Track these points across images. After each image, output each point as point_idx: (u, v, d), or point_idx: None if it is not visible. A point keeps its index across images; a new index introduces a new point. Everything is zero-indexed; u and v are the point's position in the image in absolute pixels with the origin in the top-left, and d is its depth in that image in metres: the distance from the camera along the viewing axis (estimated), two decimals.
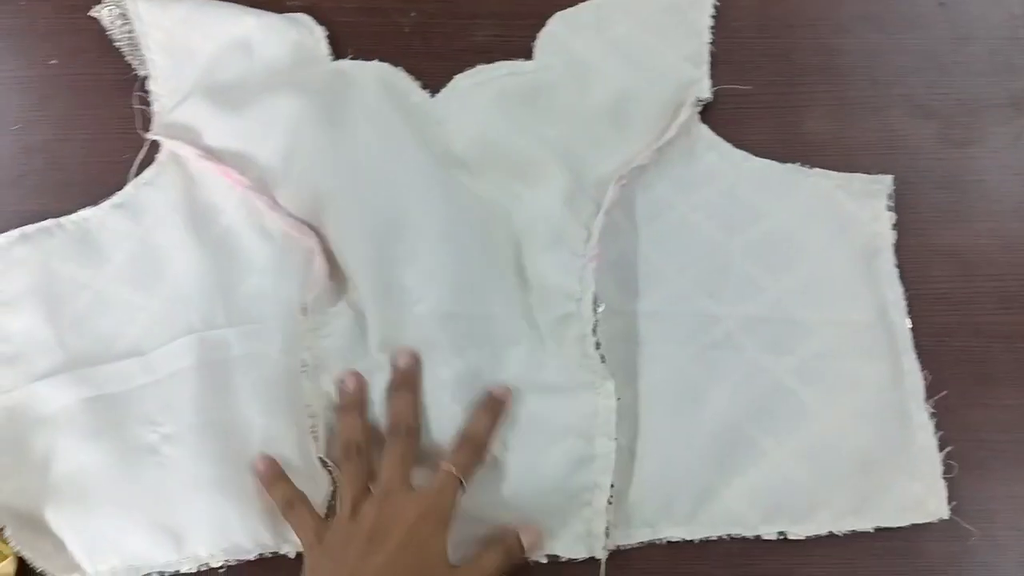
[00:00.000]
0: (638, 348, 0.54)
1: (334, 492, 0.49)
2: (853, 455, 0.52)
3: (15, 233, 0.55)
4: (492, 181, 0.56)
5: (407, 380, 0.51)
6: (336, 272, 0.54)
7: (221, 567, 0.50)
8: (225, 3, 0.59)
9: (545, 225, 0.54)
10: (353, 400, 0.51)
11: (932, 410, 0.53)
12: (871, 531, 0.50)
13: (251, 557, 0.50)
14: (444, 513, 0.47)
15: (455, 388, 0.51)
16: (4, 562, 0.49)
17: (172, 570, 0.50)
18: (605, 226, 0.54)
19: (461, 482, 0.48)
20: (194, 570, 0.50)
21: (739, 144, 0.58)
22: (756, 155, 0.58)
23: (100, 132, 0.59)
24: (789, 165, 0.58)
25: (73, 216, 0.55)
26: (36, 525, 0.50)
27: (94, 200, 0.56)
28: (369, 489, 0.48)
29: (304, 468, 0.51)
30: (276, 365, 0.52)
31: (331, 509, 0.49)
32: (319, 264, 0.53)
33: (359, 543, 0.45)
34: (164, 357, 0.52)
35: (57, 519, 0.50)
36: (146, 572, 0.50)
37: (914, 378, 0.53)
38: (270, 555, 0.50)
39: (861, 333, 0.54)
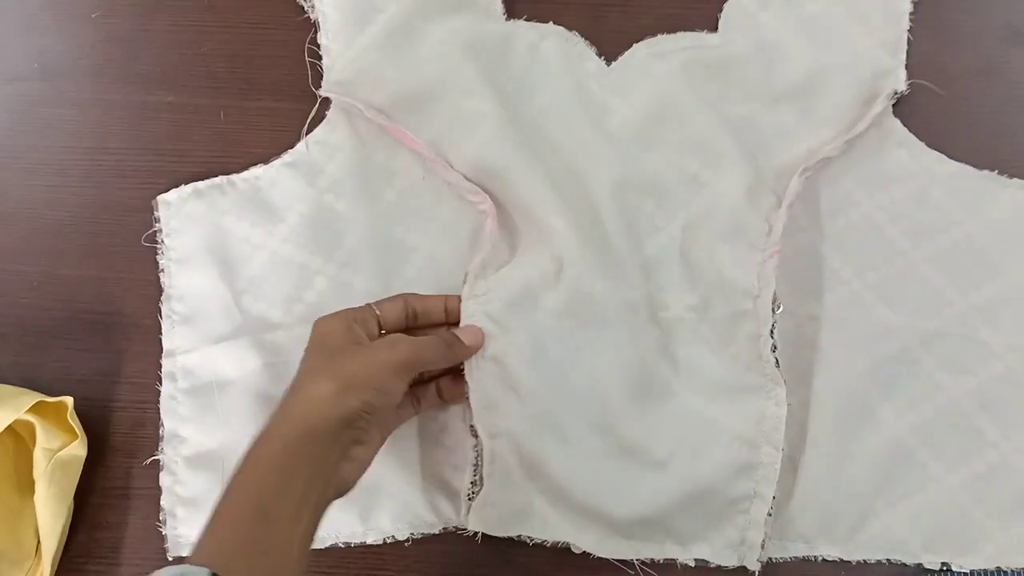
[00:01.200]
0: (808, 354, 0.52)
1: (477, 467, 0.49)
2: None
3: (187, 189, 0.54)
4: (666, 158, 0.54)
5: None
6: (504, 242, 0.52)
7: (407, 540, 0.50)
8: None
9: (724, 215, 0.52)
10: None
11: None
12: None
13: (435, 531, 0.50)
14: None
15: (624, 372, 0.50)
16: (76, 442, 0.49)
17: (358, 541, 0.50)
18: (786, 220, 0.51)
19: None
20: (379, 542, 0.50)
21: (931, 144, 0.55)
22: (950, 158, 0.54)
23: (180, 23, 0.57)
24: (986, 172, 0.54)
25: (245, 174, 0.54)
26: None
27: (176, 93, 0.56)
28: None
29: (453, 432, 0.51)
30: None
31: (477, 480, 0.49)
32: (491, 227, 0.52)
33: None
34: None
35: None
36: (332, 543, 0.50)
37: None
38: (454, 529, 0.50)
39: None
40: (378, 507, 0.49)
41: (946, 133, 0.55)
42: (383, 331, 0.47)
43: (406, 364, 0.44)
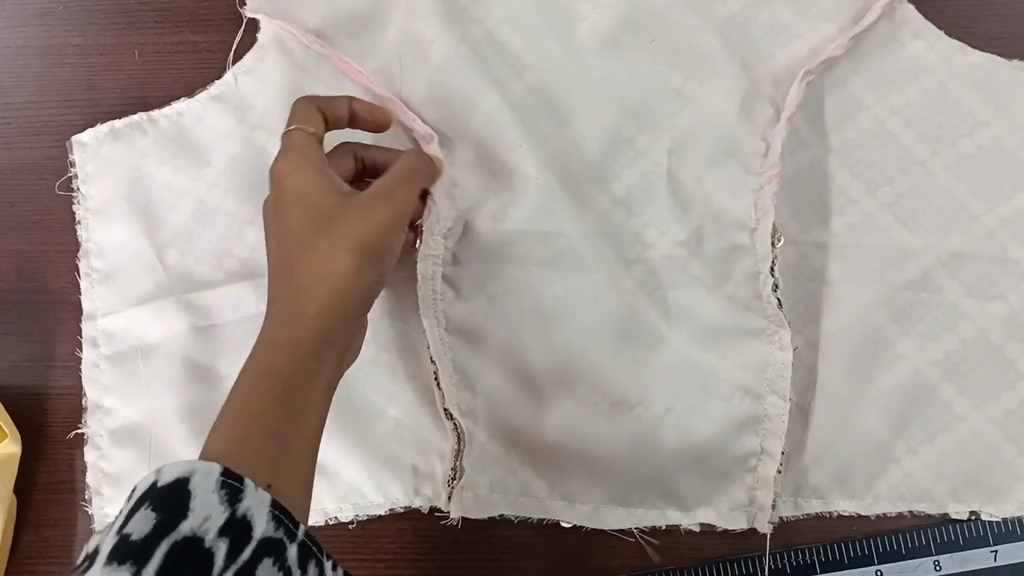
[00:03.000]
0: (815, 287, 0.46)
1: (459, 451, 0.44)
2: None
3: (104, 128, 0.48)
4: (644, 70, 0.47)
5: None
6: (462, 189, 0.46)
7: (351, 522, 0.46)
8: None
9: (713, 133, 0.45)
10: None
11: None
12: None
13: (382, 512, 0.45)
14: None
15: (610, 320, 0.44)
16: (6, 440, 0.45)
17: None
18: (786, 136, 0.45)
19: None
20: (322, 523, 0.46)
21: (954, 33, 0.47)
22: (975, 47, 0.47)
23: None
24: (1016, 62, 0.47)
25: (166, 110, 0.48)
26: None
27: (82, 32, 0.49)
28: None
29: (434, 425, 0.45)
30: (394, 298, 0.46)
31: (457, 471, 0.44)
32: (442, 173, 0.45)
33: None
34: None
35: (172, 458, 0.45)
36: None
37: None
38: (402, 509, 0.46)
39: None
40: (317, 487, 0.45)
41: (969, 18, 0.48)
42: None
43: (407, 215, 0.40)
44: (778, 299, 0.43)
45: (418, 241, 0.44)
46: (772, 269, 0.43)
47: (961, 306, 0.45)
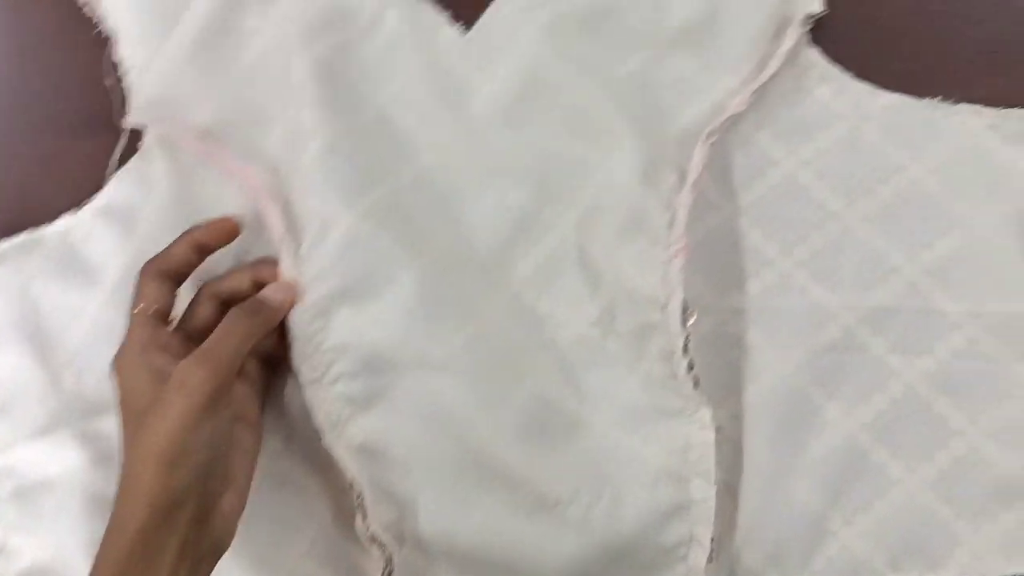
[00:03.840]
0: (735, 355, 0.44)
1: (386, 568, 0.42)
2: (999, 480, 0.42)
3: None
4: (545, 142, 0.45)
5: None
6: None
7: None
8: None
9: (619, 204, 0.43)
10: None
11: None
12: None
13: None
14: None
15: (519, 415, 0.43)
16: None
17: None
18: (693, 201, 0.43)
19: None
20: None
21: (865, 73, 0.46)
22: (886, 87, 0.45)
23: None
24: (927, 101, 0.45)
25: (51, 228, 0.46)
26: None
27: (5, 144, 0.48)
28: None
29: (352, 545, 0.43)
30: (299, 419, 0.44)
31: None
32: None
33: None
34: None
35: None
36: None
37: None
38: None
39: (1014, 326, 0.43)
40: None
41: (877, 57, 0.46)
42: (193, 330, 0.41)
43: (215, 391, 0.38)
44: (694, 379, 0.42)
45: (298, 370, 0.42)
46: (685, 348, 0.42)
47: (887, 363, 0.43)
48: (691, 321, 0.42)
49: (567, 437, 0.43)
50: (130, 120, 0.46)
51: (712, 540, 0.41)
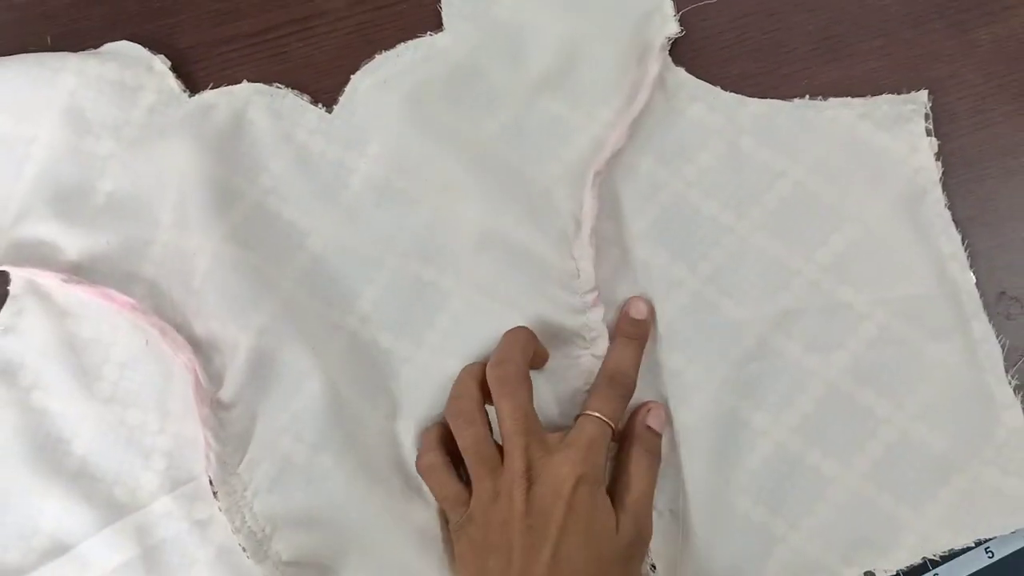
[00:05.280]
0: (661, 382, 0.44)
1: None
2: (932, 460, 0.43)
3: None
4: (430, 214, 0.45)
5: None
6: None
7: None
8: (33, 63, 0.44)
9: (522, 264, 0.43)
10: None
11: (1016, 382, 0.44)
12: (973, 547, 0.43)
13: None
14: (598, 471, 0.40)
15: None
16: None
17: None
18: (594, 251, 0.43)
19: (612, 428, 0.41)
20: None
21: (728, 86, 0.46)
22: (731, 90, 0.46)
23: None
24: (797, 101, 0.46)
25: None
26: None
27: None
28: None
29: None
30: (225, 539, 0.42)
31: None
32: (198, 406, 0.42)
33: (518, 534, 0.38)
34: (98, 550, 0.42)
35: None
36: None
37: (989, 347, 0.44)
38: None
39: (919, 307, 0.44)
40: None
41: (739, 62, 0.47)
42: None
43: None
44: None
45: (215, 493, 0.41)
46: None
47: (804, 365, 0.44)
48: None
49: None
50: None
51: (653, 568, 0.42)
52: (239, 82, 0.46)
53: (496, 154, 0.45)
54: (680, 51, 0.47)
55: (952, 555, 0.43)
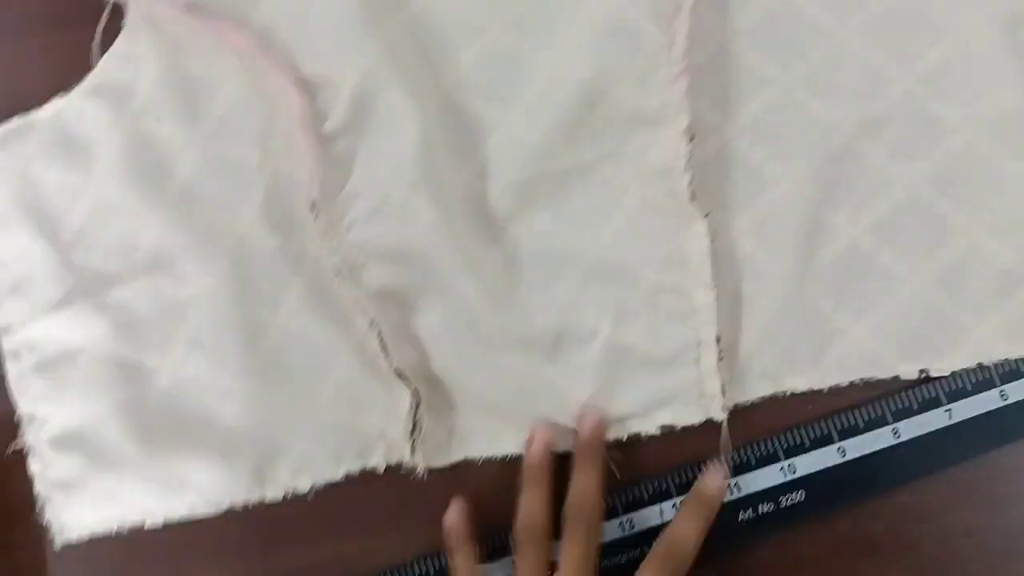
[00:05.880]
0: (742, 174, 0.45)
1: (417, 404, 0.43)
2: (999, 272, 0.44)
3: None
4: None
5: (592, 453, 0.43)
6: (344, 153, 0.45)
7: (309, 491, 0.45)
8: None
9: (613, 25, 0.44)
10: (536, 474, 0.43)
11: None
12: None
13: (338, 477, 0.45)
14: None
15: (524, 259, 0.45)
16: None
17: (256, 499, 0.45)
18: (690, 25, 0.43)
19: None
20: (280, 497, 0.45)
21: None
22: None
23: None
24: None
25: (43, 111, 0.46)
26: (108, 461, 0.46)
27: None
28: None
29: (376, 385, 0.45)
30: (317, 263, 0.45)
31: (416, 426, 0.44)
32: (306, 140, 0.43)
33: None
34: (195, 266, 0.45)
35: (120, 456, 0.45)
36: (228, 505, 0.46)
37: None
38: (358, 472, 0.45)
39: (1008, 125, 0.44)
40: (272, 463, 0.45)
41: None
42: None
43: None
44: (691, 192, 0.43)
45: (315, 216, 0.43)
46: (687, 163, 0.43)
47: (887, 170, 0.45)
48: (693, 141, 0.43)
49: (562, 270, 0.45)
50: None
51: (719, 341, 0.43)
52: None
53: None
54: None
55: (968, 393, 0.44)
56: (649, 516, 0.45)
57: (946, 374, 0.44)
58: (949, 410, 0.44)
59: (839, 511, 0.45)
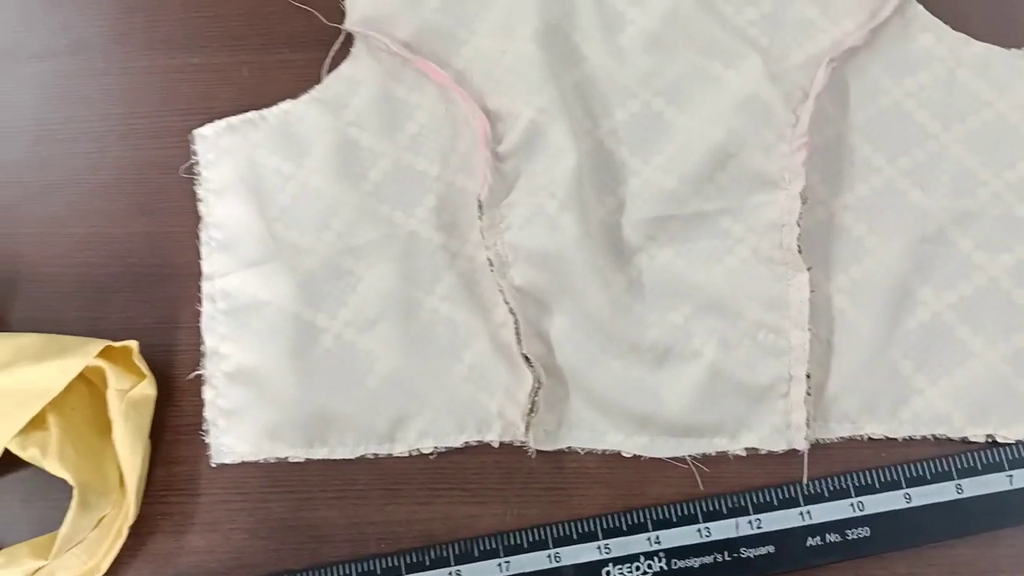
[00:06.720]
0: (844, 242, 0.52)
1: (538, 389, 0.50)
2: None
3: (222, 124, 0.56)
4: (686, 61, 0.54)
5: None
6: (512, 164, 0.53)
7: (431, 453, 0.52)
8: None
9: (750, 106, 0.52)
10: None
11: None
12: None
13: (459, 444, 0.52)
14: None
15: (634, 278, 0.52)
16: (144, 382, 0.52)
17: (386, 452, 0.52)
18: (813, 112, 0.52)
19: None
20: (406, 453, 0.52)
21: (956, 27, 0.54)
22: (976, 38, 0.54)
23: None
24: (1013, 51, 0.54)
25: (274, 109, 0.56)
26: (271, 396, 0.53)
27: (197, 54, 0.59)
28: None
29: (503, 369, 0.52)
30: (471, 261, 0.53)
31: (535, 405, 0.50)
32: (484, 154, 0.52)
33: None
34: (372, 249, 0.53)
35: (282, 396, 0.53)
36: (361, 453, 0.52)
37: None
38: (475, 443, 0.52)
39: None
40: (404, 423, 0.52)
41: (970, 14, 0.55)
42: None
43: None
44: (798, 246, 0.50)
45: (480, 215, 0.52)
46: (798, 222, 0.50)
47: (974, 258, 0.51)
48: (806, 203, 0.51)
49: (676, 298, 0.52)
50: (347, 25, 0.56)
51: (807, 377, 0.50)
52: None
53: (750, 33, 0.54)
54: None
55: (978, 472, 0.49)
56: (725, 528, 0.50)
57: (1011, 442, 0.49)
58: (1011, 476, 0.49)
59: (899, 552, 0.49)
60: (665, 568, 0.49)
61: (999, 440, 0.49)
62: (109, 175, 0.58)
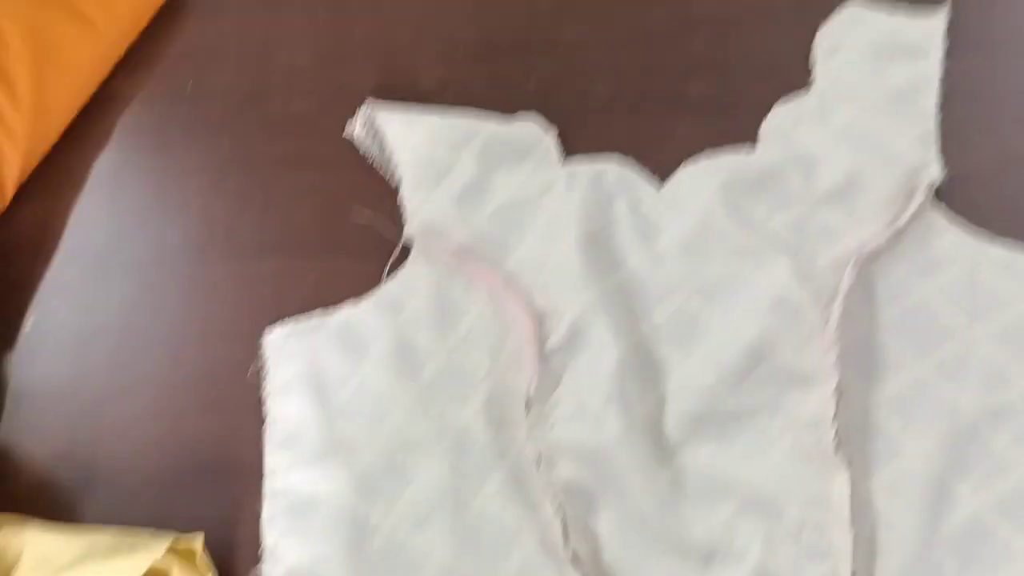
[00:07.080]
0: (880, 440, 0.54)
1: None
2: None
3: (287, 329, 0.61)
4: (719, 264, 0.58)
5: None
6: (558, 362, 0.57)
7: None
8: (460, 116, 0.63)
9: (780, 302, 0.56)
10: None
11: None
12: None
13: None
14: None
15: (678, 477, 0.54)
16: None
17: None
18: (842, 311, 0.55)
19: None
20: None
21: (976, 223, 0.58)
22: (997, 235, 0.58)
23: (271, 200, 0.65)
24: None
25: (337, 315, 0.61)
26: None
27: (271, 260, 0.64)
28: None
29: (552, 570, 0.53)
30: (519, 457, 0.55)
31: None
32: (530, 351, 0.56)
33: None
34: (425, 445, 0.56)
35: None
36: None
37: None
38: None
39: None
40: None
41: (990, 212, 0.59)
42: None
43: None
44: (836, 444, 0.52)
45: (527, 412, 0.55)
46: (833, 419, 0.52)
47: (1010, 455, 0.52)
48: (840, 398, 0.53)
49: (720, 495, 0.54)
50: (405, 236, 0.61)
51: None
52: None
53: (778, 238, 0.58)
54: (943, 190, 0.59)
55: None
56: None
57: None
58: None
59: None
60: None
61: None
62: (184, 375, 0.63)
